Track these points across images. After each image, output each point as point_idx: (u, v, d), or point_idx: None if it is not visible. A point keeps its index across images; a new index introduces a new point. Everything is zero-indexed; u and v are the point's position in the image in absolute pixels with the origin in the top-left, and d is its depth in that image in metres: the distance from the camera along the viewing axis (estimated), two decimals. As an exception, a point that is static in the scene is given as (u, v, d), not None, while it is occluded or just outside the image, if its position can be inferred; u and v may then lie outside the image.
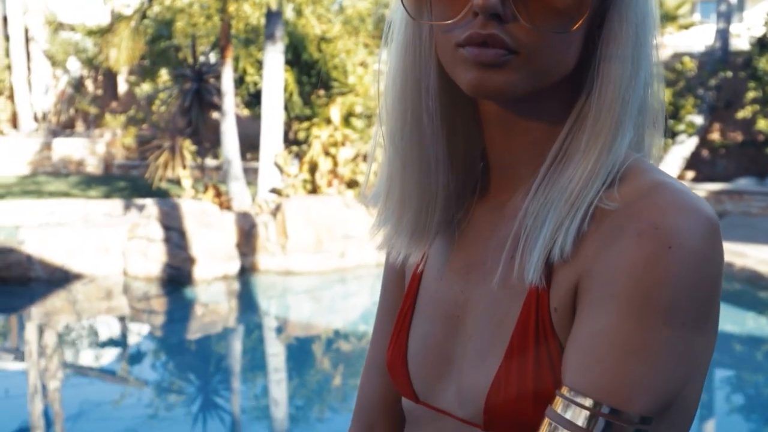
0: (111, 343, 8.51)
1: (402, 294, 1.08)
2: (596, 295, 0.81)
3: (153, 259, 9.87)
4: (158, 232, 9.89)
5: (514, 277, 0.88)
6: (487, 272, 0.93)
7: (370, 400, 1.13)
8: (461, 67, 0.84)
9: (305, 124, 13.62)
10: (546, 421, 0.83)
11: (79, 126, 22.27)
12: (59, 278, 9.81)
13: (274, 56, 11.62)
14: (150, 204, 10.48)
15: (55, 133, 20.71)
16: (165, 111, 13.74)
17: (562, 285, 0.85)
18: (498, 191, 0.95)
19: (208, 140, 14.11)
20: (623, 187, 0.83)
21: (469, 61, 0.82)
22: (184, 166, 11.82)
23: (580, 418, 0.80)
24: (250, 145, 15.95)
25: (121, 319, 9.21)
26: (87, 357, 7.87)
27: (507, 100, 0.87)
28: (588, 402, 0.79)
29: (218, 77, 12.10)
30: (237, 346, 8.52)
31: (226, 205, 11.48)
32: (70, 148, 19.63)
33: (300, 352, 8.18)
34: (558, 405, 0.82)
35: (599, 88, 0.85)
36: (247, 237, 10.30)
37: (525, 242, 0.86)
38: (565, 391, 0.82)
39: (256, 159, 13.55)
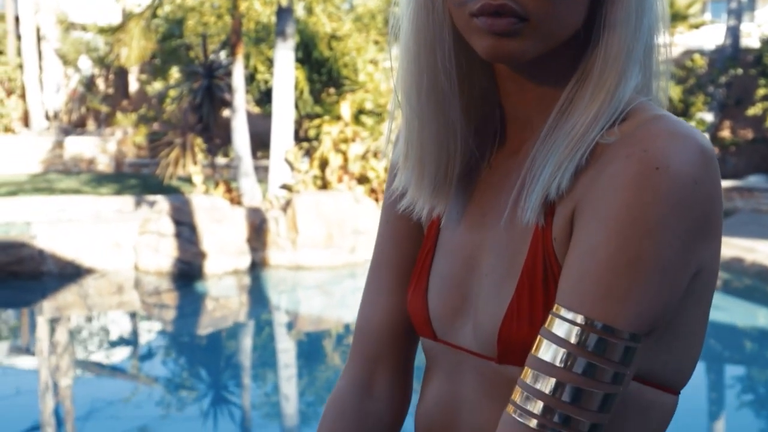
0: (122, 337, 8.55)
1: (409, 240, 1.11)
2: (586, 217, 0.84)
3: (164, 254, 9.92)
4: (169, 227, 9.94)
5: (519, 217, 0.92)
6: (500, 215, 0.96)
7: (377, 333, 1.12)
8: (476, 35, 0.88)
9: (316, 122, 13.65)
10: (539, 338, 0.85)
11: (91, 124, 22.36)
12: (71, 273, 9.87)
13: (285, 53, 11.66)
14: (161, 200, 10.54)
15: (66, 132, 20.81)
16: (176, 108, 13.79)
17: (560, 216, 0.88)
18: (513, 141, 0.99)
19: (218, 137, 14.15)
20: (623, 125, 0.87)
21: (483, 30, 0.86)
22: (195, 163, 11.87)
23: (572, 335, 0.82)
24: (260, 143, 16.00)
25: (132, 313, 9.26)
26: (98, 351, 7.91)
27: (520, 63, 0.90)
28: (579, 319, 0.82)
29: (229, 74, 12.14)
30: (247, 340, 8.55)
31: (236, 201, 11.53)
32: (81, 147, 19.71)
33: (310, 347, 8.21)
34: (551, 324, 0.84)
35: (605, 41, 0.88)
36: (258, 232, 10.34)
37: (529, 184, 0.90)
38: (557, 309, 0.84)
39: (266, 157, 13.60)
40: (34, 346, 7.98)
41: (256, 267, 10.33)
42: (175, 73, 17.55)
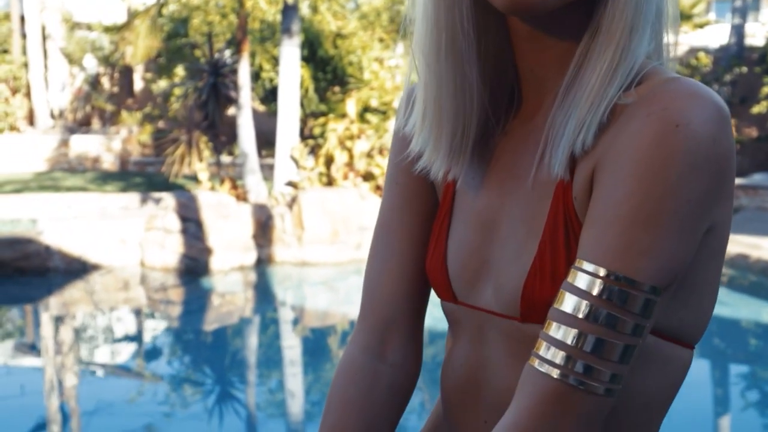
0: (128, 333, 8.57)
1: (421, 203, 1.12)
2: (608, 173, 0.87)
3: (170, 250, 9.94)
4: (175, 224, 9.96)
5: (543, 176, 0.94)
6: (520, 177, 0.99)
7: (388, 297, 1.12)
8: None
9: (320, 120, 13.67)
10: (561, 292, 0.88)
11: (95, 123, 22.39)
12: (77, 269, 9.90)
13: (291, 50, 11.68)
14: (167, 196, 10.56)
15: (71, 131, 20.83)
16: (181, 107, 13.81)
17: (582, 175, 0.90)
18: (530, 103, 1.01)
19: (224, 134, 14.17)
20: (640, 87, 0.89)
21: None
22: (201, 160, 11.89)
23: (594, 287, 0.85)
24: (264, 141, 16.02)
25: (138, 309, 9.28)
26: (104, 347, 7.93)
27: (538, 16, 0.92)
28: (601, 271, 0.84)
29: (234, 72, 12.17)
30: (253, 336, 8.57)
31: (242, 198, 11.56)
32: (86, 145, 19.74)
33: (316, 343, 8.22)
34: (573, 277, 0.87)
35: None
36: (264, 228, 10.37)
37: (552, 142, 0.92)
38: (579, 263, 0.87)
39: (270, 156, 13.62)
40: (40, 342, 8.01)
41: (262, 263, 10.35)
42: (180, 71, 17.58)
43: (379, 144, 11.75)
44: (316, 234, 10.35)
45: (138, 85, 22.88)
